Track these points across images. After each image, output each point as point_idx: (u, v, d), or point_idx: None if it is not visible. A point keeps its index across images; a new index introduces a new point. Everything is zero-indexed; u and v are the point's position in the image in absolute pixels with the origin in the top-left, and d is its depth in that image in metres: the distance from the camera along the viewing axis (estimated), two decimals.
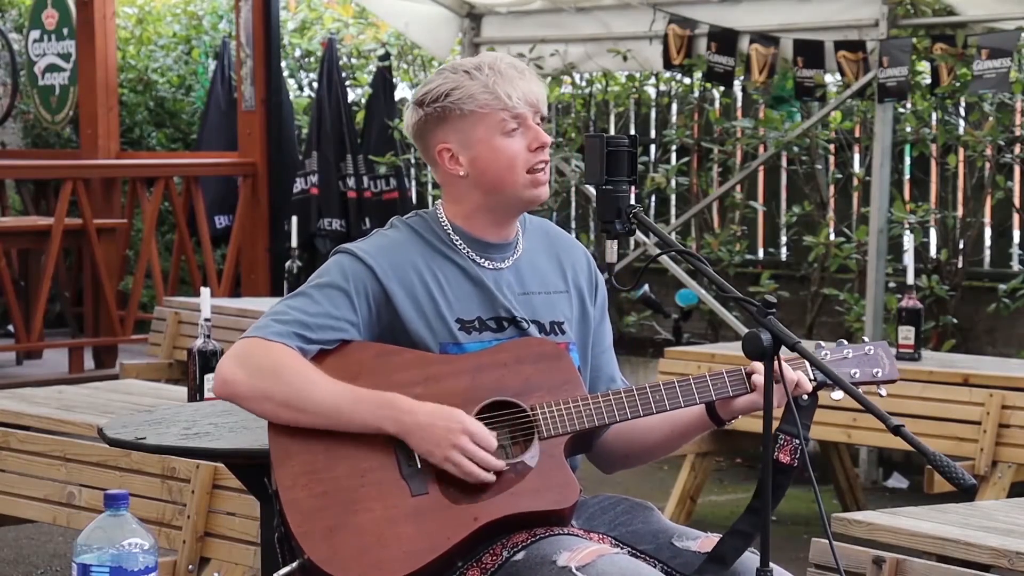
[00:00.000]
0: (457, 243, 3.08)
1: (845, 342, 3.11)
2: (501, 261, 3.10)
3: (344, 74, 10.37)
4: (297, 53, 11.54)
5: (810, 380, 3.01)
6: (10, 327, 10.02)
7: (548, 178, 3.09)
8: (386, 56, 10.11)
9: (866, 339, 3.16)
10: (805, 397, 3.00)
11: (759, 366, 2.94)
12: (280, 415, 2.94)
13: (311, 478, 2.90)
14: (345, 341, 2.99)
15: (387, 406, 2.90)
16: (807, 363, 3.01)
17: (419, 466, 2.91)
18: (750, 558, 2.97)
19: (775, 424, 2.89)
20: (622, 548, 2.96)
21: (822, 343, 3.11)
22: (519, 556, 2.87)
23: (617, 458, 3.22)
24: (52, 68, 11.05)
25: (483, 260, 3.08)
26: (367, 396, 2.91)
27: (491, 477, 2.90)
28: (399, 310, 3.00)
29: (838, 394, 3.03)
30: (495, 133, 3.03)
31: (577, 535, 2.94)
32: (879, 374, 3.09)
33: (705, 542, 3.01)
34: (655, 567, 2.95)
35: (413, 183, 10.48)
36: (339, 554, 2.85)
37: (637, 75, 9.11)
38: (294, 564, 2.90)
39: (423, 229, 3.09)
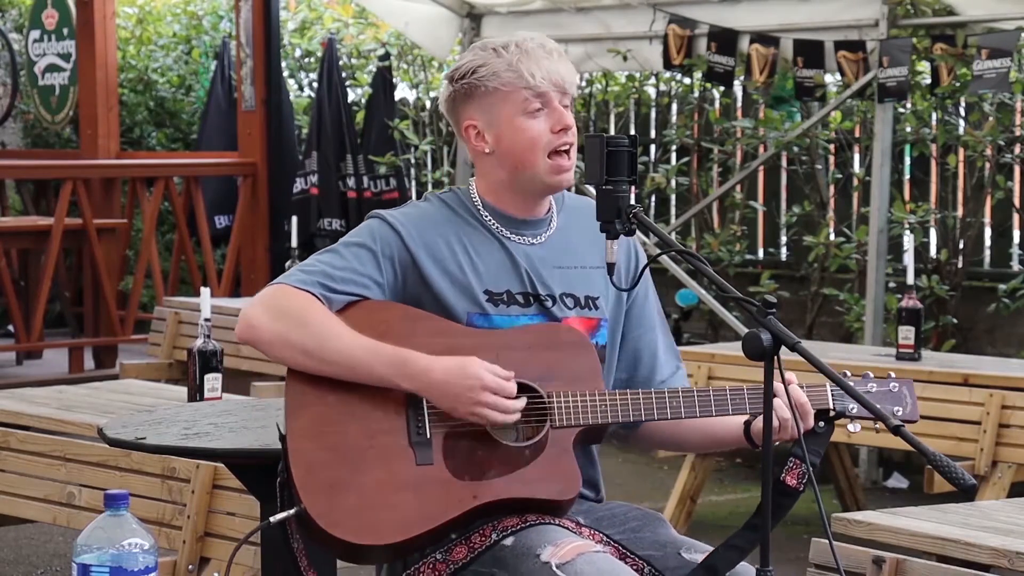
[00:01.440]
0: (487, 219, 3.10)
1: (871, 375, 3.10)
2: (533, 237, 3.12)
3: (344, 74, 10.37)
4: (297, 53, 11.54)
5: (829, 410, 3.02)
6: (10, 327, 10.01)
7: (572, 163, 3.09)
8: (386, 56, 10.11)
9: (892, 374, 3.14)
10: (821, 424, 3.01)
11: (780, 391, 2.94)
12: (299, 362, 2.95)
13: (321, 431, 2.92)
14: (368, 299, 3.01)
15: (405, 364, 2.91)
16: (828, 392, 3.03)
17: (428, 435, 2.93)
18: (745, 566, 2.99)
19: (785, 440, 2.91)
20: (606, 547, 2.97)
21: (848, 372, 3.08)
22: (507, 541, 2.90)
23: (649, 447, 3.26)
24: (52, 68, 11.05)
25: (514, 236, 3.10)
26: (386, 352, 2.92)
27: (516, 418, 2.91)
28: (427, 277, 3.03)
29: (855, 426, 3.04)
30: (518, 112, 3.05)
31: (566, 527, 2.95)
32: (900, 412, 3.08)
33: None
34: (641, 572, 2.96)
35: (413, 183, 10.48)
36: (336, 511, 2.87)
37: (637, 75, 9.11)
38: (291, 511, 2.91)
39: (455, 203, 3.12)
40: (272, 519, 2.93)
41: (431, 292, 3.03)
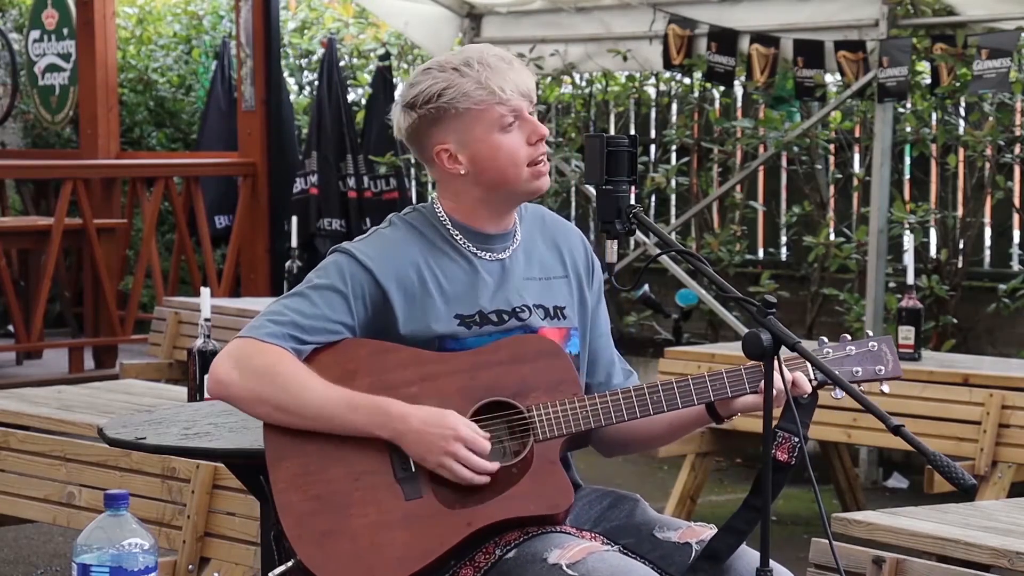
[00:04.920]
0: (456, 237, 3.07)
1: (848, 337, 3.08)
2: (501, 251, 3.09)
3: (344, 74, 10.38)
4: (297, 53, 11.54)
5: (810, 380, 3.00)
6: (10, 327, 10.01)
7: (548, 168, 3.08)
8: (386, 56, 10.11)
9: (870, 332, 3.14)
10: (805, 396, 2.98)
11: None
12: (275, 417, 2.94)
13: (305, 480, 2.90)
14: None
15: (380, 413, 2.89)
16: (807, 362, 3.00)
17: (413, 470, 2.91)
18: (750, 556, 2.97)
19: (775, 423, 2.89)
20: (612, 546, 2.96)
21: (825, 339, 3.08)
22: (511, 554, 2.88)
23: (617, 445, 3.22)
24: (52, 68, 11.05)
25: (483, 252, 3.07)
26: (361, 402, 2.90)
27: (484, 480, 2.89)
28: (397, 310, 2.99)
29: (840, 392, 3.02)
30: (493, 130, 3.00)
31: (569, 533, 2.94)
32: (882, 371, 3.06)
33: (686, 532, 3.01)
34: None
35: (413, 183, 10.48)
36: (331, 559, 2.86)
37: (637, 75, 9.11)
38: (289, 563, 2.91)
39: (421, 225, 3.08)
40: (271, 575, 2.94)
41: (401, 323, 2.99)
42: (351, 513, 2.88)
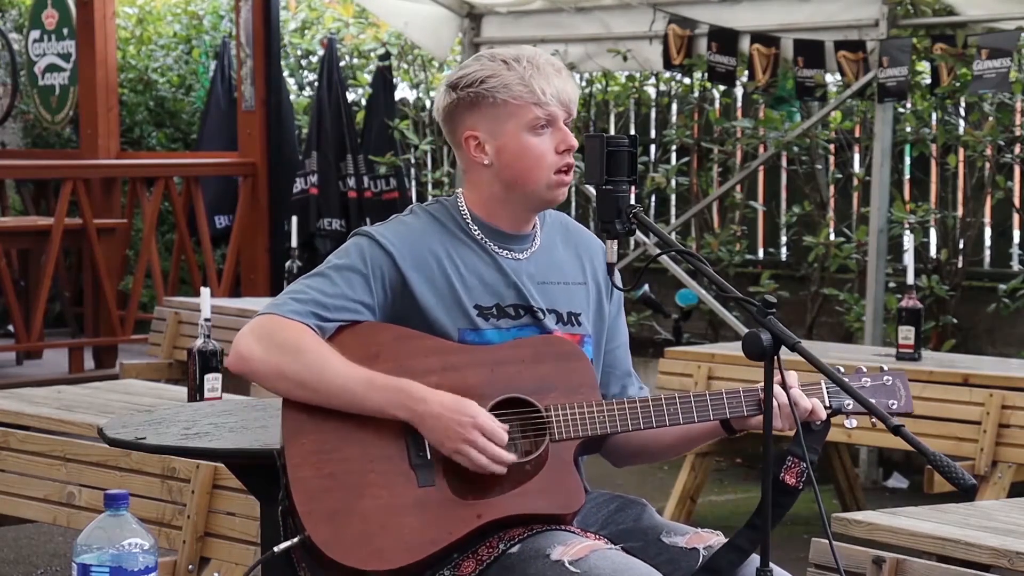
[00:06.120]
0: (475, 232, 3.09)
1: (864, 369, 3.11)
2: (520, 252, 3.11)
3: (344, 74, 10.38)
4: (297, 53, 11.55)
5: (825, 407, 3.02)
6: (10, 327, 10.01)
7: (571, 179, 3.10)
8: (386, 56, 10.12)
9: (885, 367, 3.15)
10: (818, 422, 3.00)
11: (779, 393, 2.94)
12: (294, 393, 2.94)
13: (320, 458, 2.91)
14: (359, 322, 3.00)
15: (401, 393, 2.90)
16: (824, 389, 3.03)
17: (428, 457, 2.92)
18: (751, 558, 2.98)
19: (776, 431, 2.90)
20: (616, 545, 2.97)
21: (842, 368, 3.09)
22: (514, 549, 2.89)
23: (628, 455, 3.23)
24: (52, 68, 11.05)
25: (501, 250, 3.09)
26: (381, 382, 2.91)
27: (501, 470, 2.90)
28: (417, 296, 3.01)
29: (852, 422, 3.04)
30: (524, 128, 3.03)
31: (573, 531, 2.95)
32: (895, 406, 3.08)
33: (693, 538, 3.02)
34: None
35: (413, 183, 10.48)
36: (340, 538, 2.86)
37: (637, 75, 9.12)
38: (295, 539, 2.91)
39: (442, 216, 3.10)
40: (276, 548, 2.94)
41: (421, 310, 3.01)
42: (364, 494, 2.88)
